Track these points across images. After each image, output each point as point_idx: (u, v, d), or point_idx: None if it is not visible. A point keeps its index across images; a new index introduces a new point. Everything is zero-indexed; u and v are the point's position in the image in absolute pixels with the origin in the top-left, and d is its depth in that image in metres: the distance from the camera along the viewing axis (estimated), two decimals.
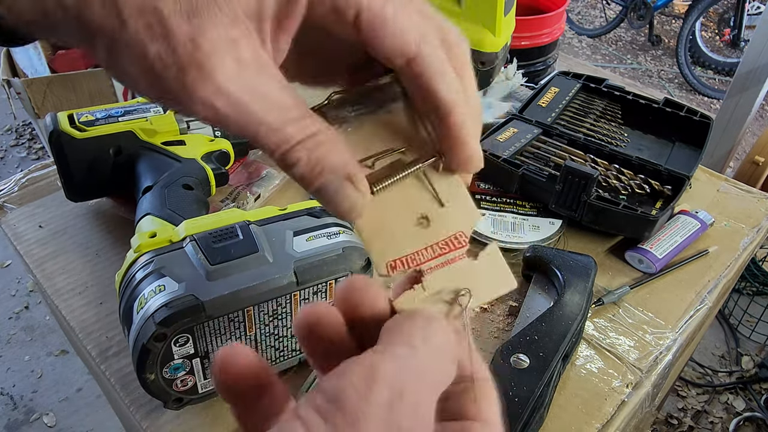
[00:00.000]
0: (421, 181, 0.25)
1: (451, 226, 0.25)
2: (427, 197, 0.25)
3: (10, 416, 1.54)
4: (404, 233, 0.25)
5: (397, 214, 0.25)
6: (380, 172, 0.25)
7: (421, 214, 0.25)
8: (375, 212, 0.25)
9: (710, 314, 0.65)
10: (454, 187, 0.26)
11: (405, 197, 0.25)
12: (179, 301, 0.41)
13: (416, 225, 0.25)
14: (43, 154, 2.43)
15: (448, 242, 0.25)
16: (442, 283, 0.25)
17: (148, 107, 0.64)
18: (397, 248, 0.25)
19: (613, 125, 0.81)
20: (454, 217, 0.25)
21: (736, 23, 3.10)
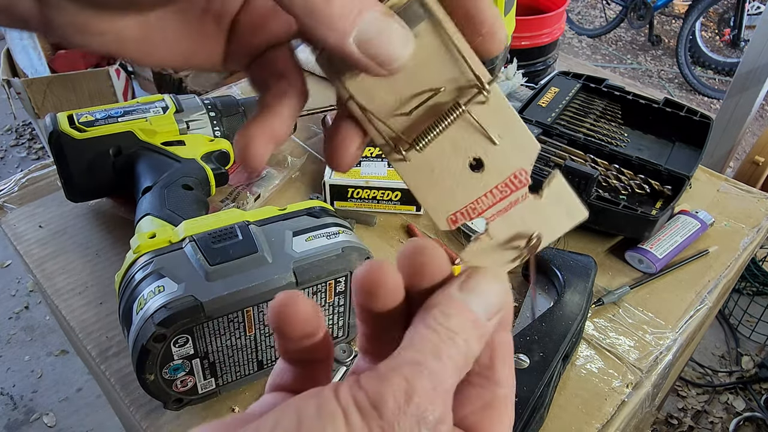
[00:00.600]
0: (466, 120, 0.22)
1: (508, 165, 0.23)
2: (476, 137, 0.23)
3: (10, 416, 1.54)
4: (459, 182, 0.23)
5: (447, 163, 0.23)
6: (419, 120, 0.22)
7: (473, 156, 0.23)
8: (423, 165, 0.23)
9: (710, 314, 0.65)
10: (504, 119, 0.23)
11: (453, 142, 0.23)
12: (179, 302, 0.41)
13: (470, 170, 0.23)
14: (43, 154, 2.43)
15: (508, 183, 0.23)
16: (508, 229, 0.23)
17: (148, 107, 0.63)
18: (454, 200, 0.23)
19: (613, 125, 0.81)
20: (509, 153, 0.23)
21: (736, 23, 3.10)
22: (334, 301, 0.49)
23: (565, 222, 0.23)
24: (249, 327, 0.46)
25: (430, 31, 0.21)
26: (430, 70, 0.22)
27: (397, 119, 0.23)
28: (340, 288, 0.49)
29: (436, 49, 0.22)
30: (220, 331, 0.44)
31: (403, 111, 0.22)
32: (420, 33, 0.21)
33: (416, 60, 0.21)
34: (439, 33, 0.21)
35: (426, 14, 0.21)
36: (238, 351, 0.47)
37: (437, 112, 0.22)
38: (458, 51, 0.22)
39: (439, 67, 0.22)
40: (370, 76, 0.21)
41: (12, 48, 1.39)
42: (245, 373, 0.49)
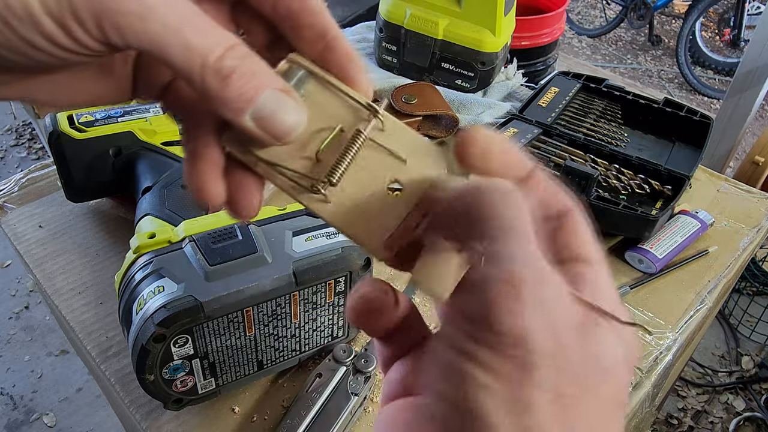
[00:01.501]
0: (371, 148, 0.24)
1: (423, 178, 0.24)
2: (386, 161, 0.24)
3: (10, 416, 1.54)
4: (384, 207, 0.23)
5: (366, 193, 0.24)
6: (328, 160, 0.23)
7: (389, 180, 0.24)
8: (344, 201, 0.23)
9: (710, 314, 0.65)
10: (404, 138, 0.24)
11: (366, 172, 0.24)
12: (178, 302, 0.41)
13: (390, 194, 0.24)
14: (43, 154, 2.43)
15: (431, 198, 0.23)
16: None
17: (148, 108, 0.64)
18: (385, 225, 0.23)
19: (613, 125, 0.81)
20: (421, 166, 0.24)
21: (736, 23, 3.10)
22: (334, 301, 0.49)
23: None
24: (249, 327, 0.46)
25: (316, 87, 0.24)
26: (325, 118, 0.24)
27: (306, 165, 0.24)
28: (339, 288, 0.49)
29: (326, 99, 0.24)
30: (220, 331, 0.44)
31: (311, 156, 0.24)
32: (308, 91, 0.23)
33: (311, 113, 0.23)
34: (324, 86, 0.24)
35: (309, 74, 0.23)
36: (238, 351, 0.47)
37: (341, 147, 0.23)
38: (346, 94, 0.24)
39: (332, 112, 0.24)
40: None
41: None
42: (245, 373, 0.49)
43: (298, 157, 0.23)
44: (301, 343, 0.51)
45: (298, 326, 0.49)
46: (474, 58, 0.83)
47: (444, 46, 0.84)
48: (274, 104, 0.21)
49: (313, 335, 0.51)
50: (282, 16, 0.23)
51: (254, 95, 0.20)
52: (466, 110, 0.84)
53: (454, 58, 0.85)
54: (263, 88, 0.21)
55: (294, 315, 0.48)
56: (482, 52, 0.83)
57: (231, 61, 0.20)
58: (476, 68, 0.84)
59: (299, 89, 0.23)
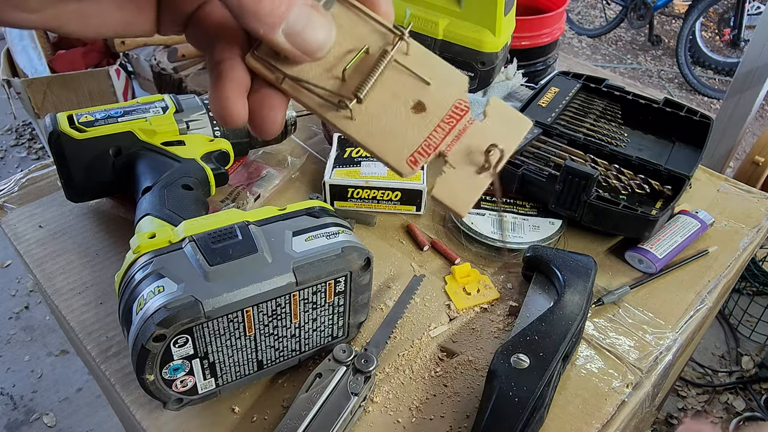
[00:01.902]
0: (396, 70, 0.25)
1: (446, 99, 0.25)
2: (409, 83, 0.25)
3: (10, 416, 1.54)
4: (407, 126, 0.25)
5: (391, 111, 0.25)
6: (354, 79, 0.24)
7: (412, 101, 0.25)
8: (369, 118, 0.24)
9: (710, 314, 0.65)
10: (428, 62, 0.25)
11: (390, 92, 0.25)
12: (178, 302, 0.41)
13: (414, 113, 0.25)
14: (43, 154, 2.43)
15: (452, 115, 0.25)
16: (465, 152, 0.25)
17: (148, 107, 0.63)
18: (408, 143, 0.24)
19: (613, 125, 0.81)
20: (444, 89, 0.25)
21: (736, 23, 3.10)
22: (333, 301, 0.49)
23: (514, 133, 0.25)
24: (249, 327, 0.46)
25: (342, 10, 0.24)
26: (351, 39, 0.25)
27: (332, 82, 0.24)
28: (339, 288, 0.49)
29: (353, 21, 0.25)
30: (220, 331, 0.44)
31: (337, 75, 0.24)
32: (334, 14, 0.24)
33: (338, 33, 0.24)
34: (350, 9, 0.24)
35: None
36: (238, 351, 0.47)
37: (367, 68, 0.24)
38: (371, 17, 0.24)
39: (357, 34, 0.25)
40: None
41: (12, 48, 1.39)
42: (245, 373, 0.49)
43: (325, 77, 0.24)
44: (301, 343, 0.51)
45: (298, 326, 0.49)
46: (474, 58, 0.83)
47: (444, 46, 0.84)
48: (305, 20, 0.21)
49: (313, 335, 0.51)
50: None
51: (286, 10, 0.21)
52: None
53: (454, 58, 0.85)
54: (294, 4, 0.21)
55: (294, 315, 0.48)
56: (482, 52, 0.83)
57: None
58: (476, 68, 0.84)
59: (327, 8, 0.24)
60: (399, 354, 0.55)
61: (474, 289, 0.61)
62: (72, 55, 1.44)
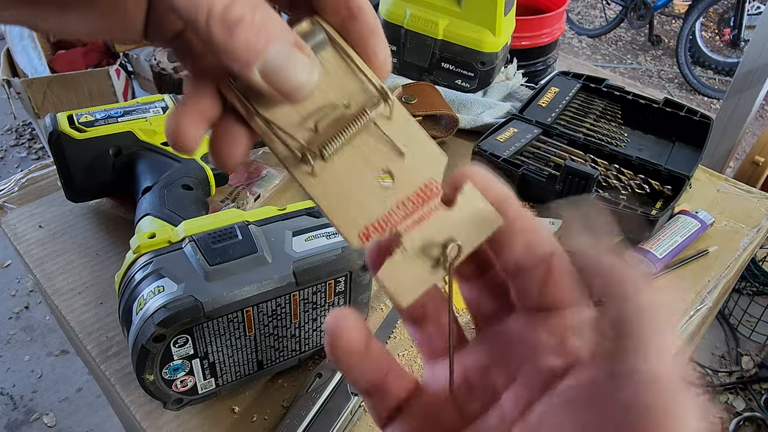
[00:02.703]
0: (372, 133, 0.23)
1: (418, 176, 0.23)
2: (383, 150, 0.23)
3: (10, 416, 1.54)
4: (369, 195, 0.23)
5: (356, 175, 0.23)
6: (326, 133, 0.22)
7: (381, 169, 0.23)
8: (331, 179, 0.22)
9: (710, 314, 0.65)
10: (409, 131, 0.23)
11: (360, 155, 0.23)
12: (178, 302, 0.41)
13: (379, 184, 0.23)
14: (43, 154, 2.43)
15: (419, 194, 0.23)
16: (422, 240, 0.22)
17: (148, 107, 0.64)
18: (365, 214, 0.22)
19: (613, 125, 0.81)
20: (418, 164, 0.23)
21: (736, 23, 3.10)
22: (333, 301, 0.49)
23: (481, 230, 0.23)
24: (249, 327, 0.46)
25: (333, 55, 0.22)
26: (335, 89, 0.23)
27: (303, 133, 0.22)
28: (339, 288, 0.49)
29: (340, 71, 0.23)
30: (220, 331, 0.44)
31: (309, 126, 0.22)
32: (324, 58, 0.22)
33: (322, 82, 0.22)
34: (341, 57, 0.23)
35: (329, 41, 0.22)
36: (238, 351, 0.47)
37: (342, 126, 0.22)
38: (361, 71, 0.23)
39: (343, 85, 0.23)
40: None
41: (12, 48, 1.39)
42: (245, 373, 0.49)
43: (298, 125, 0.22)
44: (301, 343, 0.51)
45: (298, 326, 0.49)
46: (474, 58, 0.83)
47: (444, 46, 0.84)
48: (285, 59, 0.20)
49: (313, 335, 0.51)
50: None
51: (263, 47, 0.19)
52: (466, 110, 0.84)
53: (454, 58, 0.85)
54: (273, 41, 0.20)
55: (294, 315, 0.48)
56: (482, 52, 0.83)
57: (239, 10, 0.19)
58: (476, 68, 0.84)
59: (315, 54, 0.22)
60: (399, 354, 0.55)
61: None
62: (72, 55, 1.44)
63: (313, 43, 0.22)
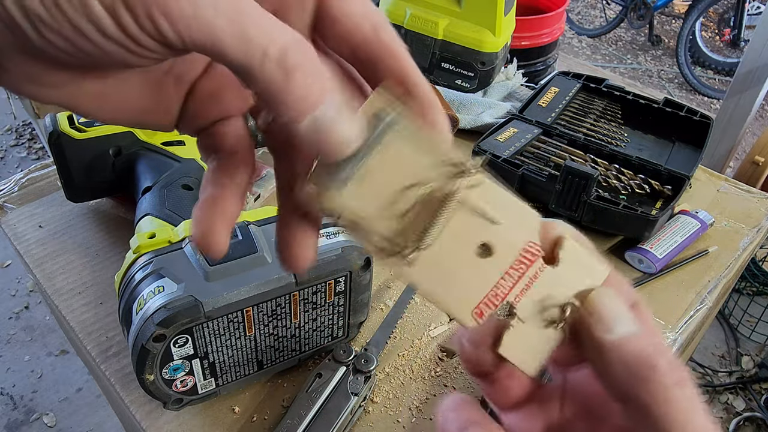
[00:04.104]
0: (461, 209, 0.22)
1: (516, 242, 0.22)
2: (475, 223, 0.22)
3: (10, 416, 1.54)
4: (471, 272, 0.22)
5: (454, 256, 0.22)
6: (416, 220, 0.22)
7: (478, 243, 0.22)
8: (430, 264, 0.22)
9: (710, 314, 0.65)
10: (498, 197, 0.22)
11: (454, 234, 0.22)
12: (178, 302, 0.41)
13: (480, 257, 0.22)
14: (43, 154, 2.43)
15: (522, 260, 0.22)
16: (536, 305, 0.22)
17: None
18: (473, 293, 0.22)
19: (613, 125, 0.81)
20: (513, 230, 0.22)
21: (736, 23, 3.10)
22: (333, 301, 0.49)
23: (590, 280, 0.22)
24: (249, 327, 0.46)
25: (402, 136, 0.21)
26: (414, 172, 0.22)
27: (390, 224, 0.22)
28: (339, 288, 0.49)
29: (414, 151, 0.22)
30: (220, 331, 0.44)
31: (396, 215, 0.21)
32: (393, 138, 0.21)
33: (397, 164, 0.21)
34: (412, 137, 0.22)
35: (396, 121, 0.21)
36: (238, 351, 0.47)
37: (432, 208, 0.22)
38: (436, 146, 0.22)
39: (421, 166, 0.22)
40: (351, 187, 0.21)
41: None
42: (245, 373, 0.49)
43: (382, 216, 0.21)
44: (301, 343, 0.51)
45: (298, 326, 0.49)
46: (474, 58, 0.83)
47: (444, 46, 0.84)
48: (337, 113, 0.19)
49: (313, 335, 0.51)
50: (362, 59, 0.21)
51: (319, 98, 0.18)
52: (466, 110, 0.84)
53: (454, 58, 0.85)
54: (328, 92, 0.19)
55: (294, 315, 0.48)
56: (482, 52, 0.83)
57: (296, 56, 0.18)
58: (476, 68, 0.84)
59: (384, 134, 0.21)
60: (399, 354, 0.55)
61: None
62: None
63: (383, 122, 0.21)
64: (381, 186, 0.21)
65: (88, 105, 0.20)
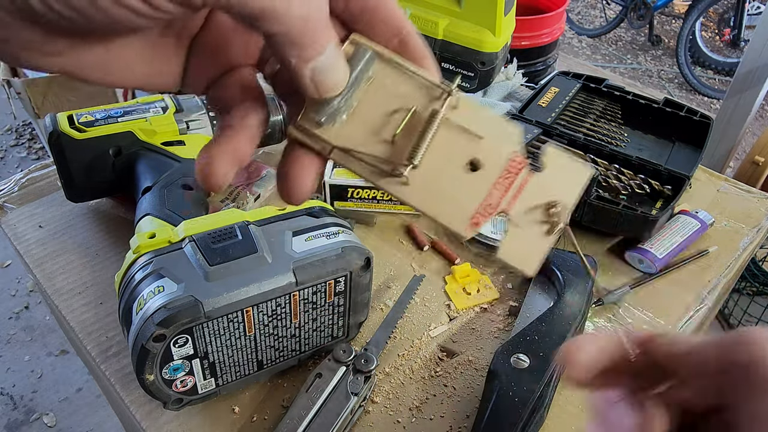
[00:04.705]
0: (446, 128, 0.23)
1: (501, 154, 0.24)
2: (462, 140, 0.23)
3: (10, 416, 1.54)
4: (464, 186, 0.23)
5: (446, 173, 0.23)
6: (405, 141, 0.23)
7: (467, 159, 0.23)
8: (424, 182, 0.23)
9: (710, 314, 0.65)
10: (480, 115, 0.24)
11: (443, 152, 0.23)
12: (178, 302, 0.41)
13: (469, 172, 0.23)
14: (43, 154, 2.43)
15: (509, 170, 0.24)
16: (527, 209, 0.24)
17: (148, 107, 0.63)
18: (467, 204, 0.23)
19: (613, 125, 0.81)
20: (497, 143, 0.24)
21: (736, 23, 3.10)
22: (334, 301, 0.49)
23: (575, 182, 0.24)
24: (249, 327, 0.46)
25: (383, 67, 0.23)
26: (396, 98, 0.23)
27: (380, 147, 0.23)
28: (339, 288, 0.49)
29: (396, 80, 0.23)
30: (220, 331, 0.44)
31: (384, 138, 0.23)
32: (375, 72, 0.23)
33: (382, 93, 0.23)
34: (393, 67, 0.23)
35: (376, 55, 0.23)
36: (238, 351, 0.47)
37: (418, 129, 0.23)
38: (416, 74, 0.23)
39: (403, 93, 0.23)
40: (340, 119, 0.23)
41: None
42: (245, 373, 0.49)
43: (372, 141, 0.23)
44: (301, 343, 0.51)
45: (298, 326, 0.49)
46: (474, 58, 0.83)
47: (444, 46, 0.84)
48: (335, 58, 0.21)
49: (313, 335, 0.51)
50: (354, 13, 0.23)
51: (324, 46, 0.20)
52: None
53: (454, 58, 0.85)
54: (331, 41, 0.20)
55: (294, 315, 0.48)
56: (482, 52, 0.83)
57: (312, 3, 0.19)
58: (476, 68, 0.84)
59: (366, 70, 0.23)
60: (399, 354, 0.55)
61: (474, 289, 0.61)
62: None
63: (363, 62, 0.23)
64: (368, 114, 0.23)
65: (92, 72, 0.21)
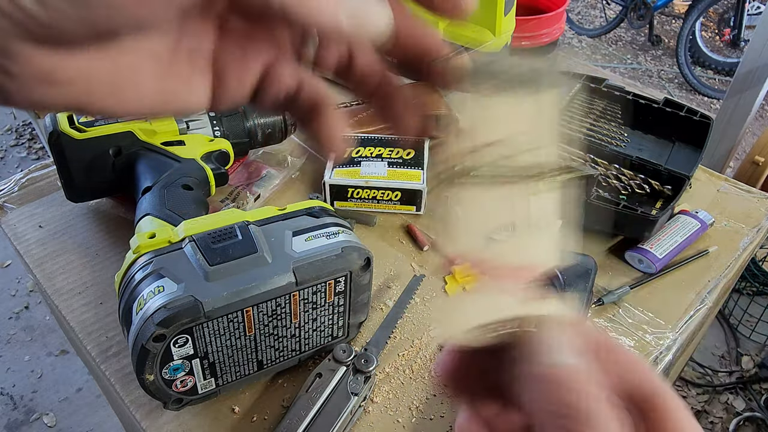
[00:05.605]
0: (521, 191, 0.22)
1: (523, 255, 0.22)
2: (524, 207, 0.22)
3: (10, 416, 1.54)
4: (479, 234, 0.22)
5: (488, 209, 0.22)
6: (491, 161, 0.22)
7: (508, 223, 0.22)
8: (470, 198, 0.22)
9: (710, 314, 0.65)
10: (554, 215, 0.22)
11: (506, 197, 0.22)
12: (178, 302, 0.41)
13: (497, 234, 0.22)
14: (43, 154, 2.43)
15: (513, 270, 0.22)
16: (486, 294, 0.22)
17: None
18: (471, 243, 0.22)
19: (613, 125, 0.81)
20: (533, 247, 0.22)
21: (736, 23, 3.10)
22: (333, 301, 0.49)
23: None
24: (249, 327, 0.46)
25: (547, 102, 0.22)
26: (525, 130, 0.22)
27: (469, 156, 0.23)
28: (339, 288, 0.49)
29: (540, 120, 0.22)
30: (220, 331, 0.44)
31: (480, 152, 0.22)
32: (541, 99, 0.22)
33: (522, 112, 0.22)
34: (551, 114, 0.22)
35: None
36: (238, 351, 0.47)
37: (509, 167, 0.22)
38: (557, 139, 0.22)
39: (535, 133, 0.22)
40: None
41: None
42: (245, 373, 0.49)
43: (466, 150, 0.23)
44: (301, 343, 0.51)
45: (298, 326, 0.49)
46: None
47: None
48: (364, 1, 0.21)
49: (313, 335, 0.51)
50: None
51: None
52: None
53: None
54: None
55: (294, 315, 0.48)
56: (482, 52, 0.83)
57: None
58: None
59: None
60: (399, 354, 0.55)
61: None
62: None
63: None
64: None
65: (104, 98, 0.20)
